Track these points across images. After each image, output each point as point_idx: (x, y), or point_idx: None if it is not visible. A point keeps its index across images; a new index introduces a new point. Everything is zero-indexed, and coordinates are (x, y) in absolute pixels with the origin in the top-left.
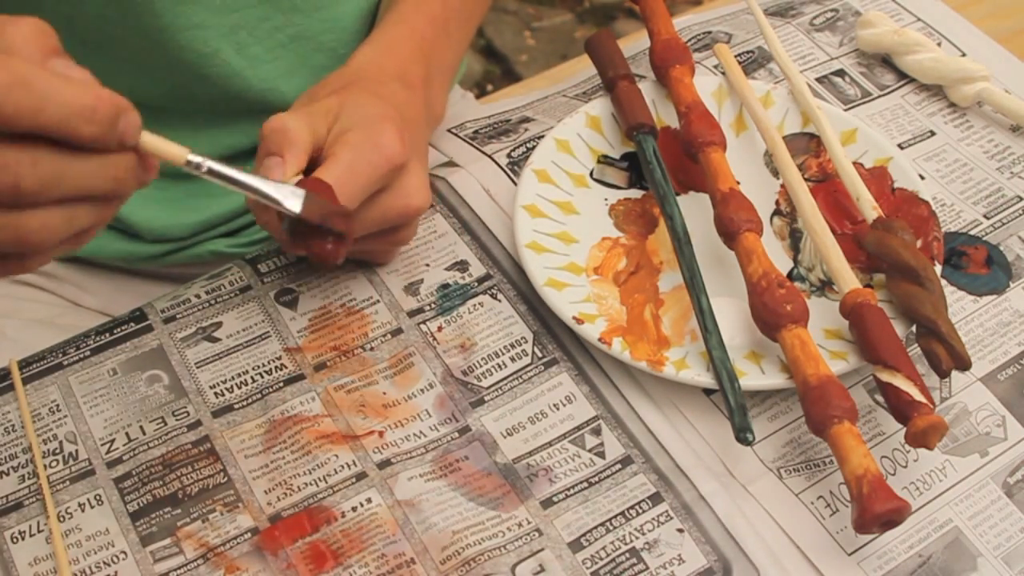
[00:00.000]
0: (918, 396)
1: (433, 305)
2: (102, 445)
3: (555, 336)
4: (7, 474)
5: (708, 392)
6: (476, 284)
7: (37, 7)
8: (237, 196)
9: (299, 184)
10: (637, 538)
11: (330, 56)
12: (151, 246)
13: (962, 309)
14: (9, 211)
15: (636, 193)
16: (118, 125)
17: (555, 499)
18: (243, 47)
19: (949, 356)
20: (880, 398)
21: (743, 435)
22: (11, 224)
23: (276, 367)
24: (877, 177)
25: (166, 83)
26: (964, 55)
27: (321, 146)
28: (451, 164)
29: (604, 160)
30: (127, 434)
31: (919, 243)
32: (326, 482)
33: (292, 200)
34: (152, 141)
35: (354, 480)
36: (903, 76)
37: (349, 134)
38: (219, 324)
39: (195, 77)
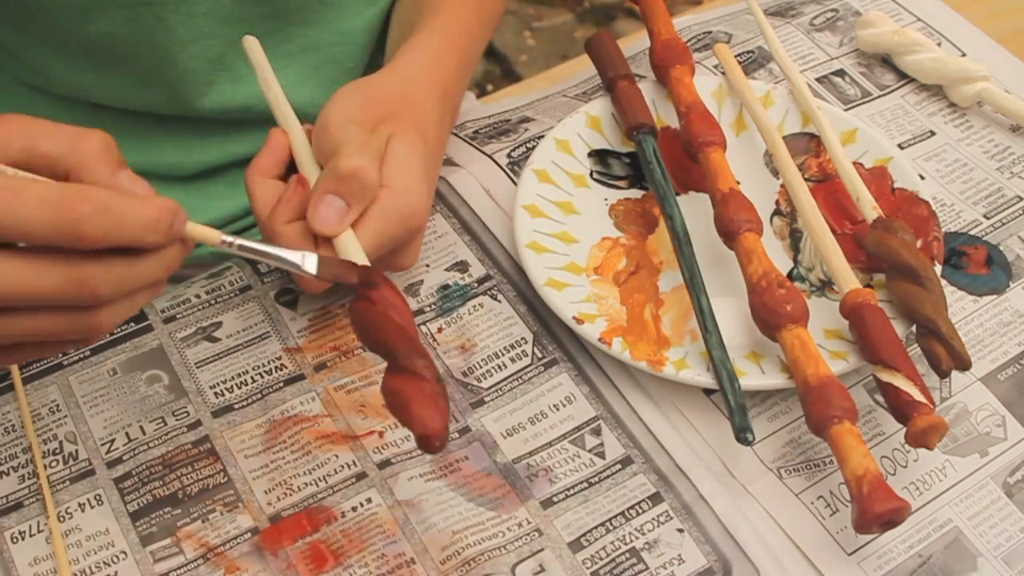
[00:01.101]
0: (918, 396)
1: (433, 306)
2: (102, 445)
3: (555, 336)
4: (7, 474)
5: (708, 392)
6: (476, 285)
7: (48, 26)
8: (238, 199)
9: (365, 271)
10: (637, 538)
11: (338, 68)
12: None
13: (962, 309)
14: (86, 311)
15: (636, 193)
16: (174, 228)
17: (555, 499)
18: (245, 58)
19: (949, 356)
20: (880, 398)
21: (743, 435)
22: (86, 320)
23: (276, 367)
24: (877, 177)
25: (174, 93)
26: (964, 55)
27: None
28: (451, 164)
29: (598, 152)
30: (127, 434)
31: (919, 243)
32: (326, 482)
33: (309, 264)
34: (192, 229)
35: (354, 480)
36: (903, 76)
37: (384, 195)
38: (219, 324)
39: (203, 86)
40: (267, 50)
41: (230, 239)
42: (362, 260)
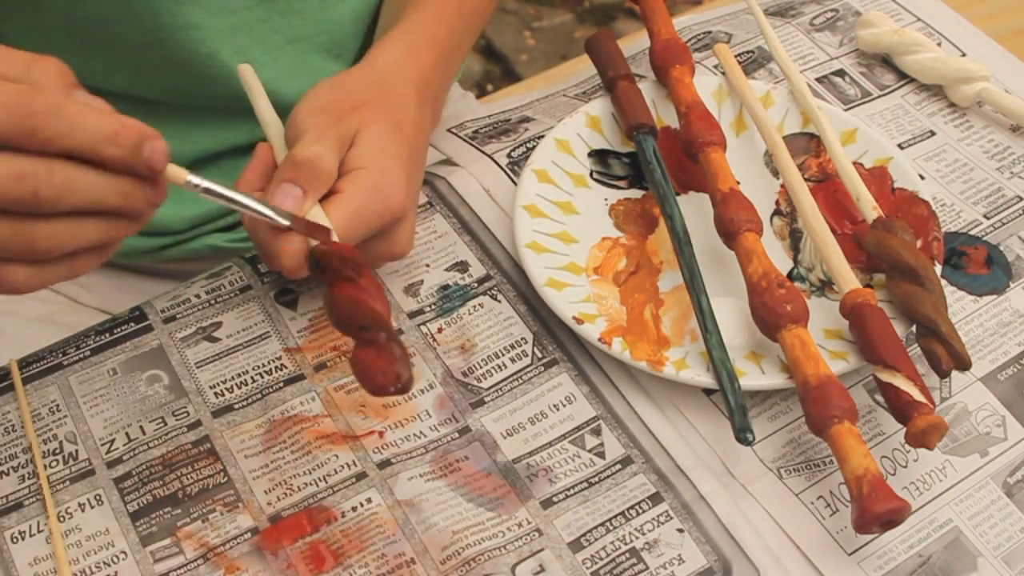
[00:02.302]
0: (918, 396)
1: (433, 306)
2: (102, 445)
3: (555, 336)
4: (7, 474)
5: (708, 392)
6: (476, 285)
7: (36, 6)
8: None
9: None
10: (637, 538)
11: (327, 57)
12: (148, 239)
13: (962, 309)
14: (23, 219)
15: (636, 193)
16: (143, 150)
17: (555, 499)
18: (242, 49)
19: (949, 356)
20: (880, 398)
21: (743, 435)
22: (22, 232)
23: (276, 367)
24: (877, 177)
25: (165, 81)
26: (964, 55)
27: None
28: (451, 164)
29: (598, 152)
30: (127, 434)
31: (919, 243)
32: (326, 482)
33: (281, 217)
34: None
35: (354, 480)
36: (903, 76)
37: (361, 174)
38: (219, 324)
39: (194, 77)
40: (256, 41)
41: (197, 180)
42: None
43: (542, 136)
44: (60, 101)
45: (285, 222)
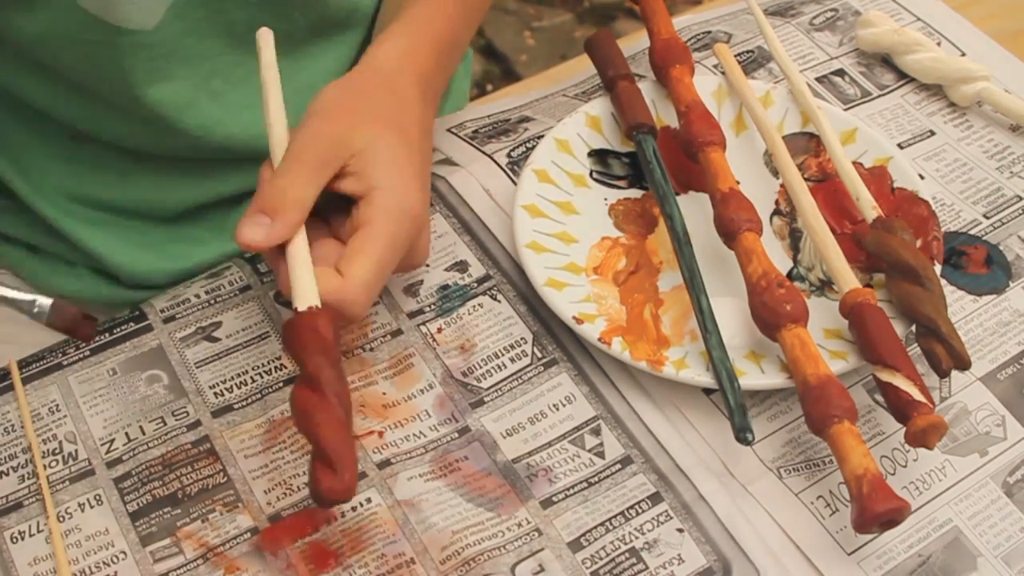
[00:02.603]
0: (918, 396)
1: (433, 306)
2: (102, 445)
3: (555, 336)
4: (7, 474)
5: (708, 392)
6: (476, 285)
7: (18, 55)
8: (220, 244)
9: (299, 316)
10: (637, 538)
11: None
12: (130, 292)
13: (962, 309)
14: None
15: (636, 193)
16: None
17: (555, 499)
18: (218, 95)
19: (949, 356)
20: (880, 398)
21: (743, 435)
22: None
23: (276, 367)
24: (877, 177)
25: (149, 131)
26: (964, 55)
27: (342, 177)
28: (451, 164)
29: (598, 152)
30: (127, 434)
31: (919, 243)
32: None
33: (40, 309)
34: None
35: None
36: (903, 76)
37: (381, 195)
38: (219, 324)
39: (174, 129)
40: (233, 86)
41: None
42: (314, 294)
43: (542, 136)
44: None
45: (43, 320)
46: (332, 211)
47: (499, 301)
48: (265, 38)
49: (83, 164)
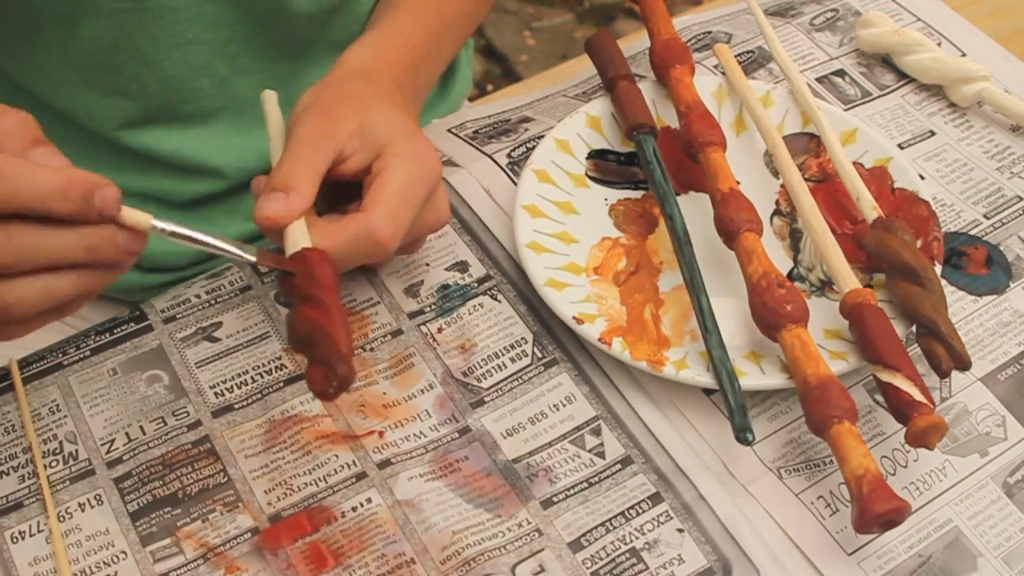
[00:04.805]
0: (918, 396)
1: (433, 306)
2: (102, 445)
3: (555, 336)
4: (7, 474)
5: (708, 392)
6: (476, 285)
7: (34, 34)
8: (237, 225)
9: (301, 254)
10: (637, 538)
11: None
12: (149, 276)
13: (962, 309)
14: None
15: (636, 193)
16: (94, 200)
17: (555, 499)
18: (233, 58)
19: (949, 356)
20: (880, 398)
21: (743, 435)
22: None
23: (276, 367)
24: (877, 177)
25: (158, 104)
26: (964, 55)
27: (347, 159)
28: (451, 164)
29: (598, 152)
30: (127, 434)
31: (919, 243)
32: (326, 482)
33: (248, 255)
34: (124, 211)
35: (354, 480)
36: (903, 76)
37: (394, 146)
38: (219, 324)
39: (187, 93)
40: (248, 57)
41: (162, 225)
42: (305, 239)
43: (542, 136)
44: (3, 164)
45: (252, 259)
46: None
47: (499, 301)
48: (270, 101)
49: (98, 154)
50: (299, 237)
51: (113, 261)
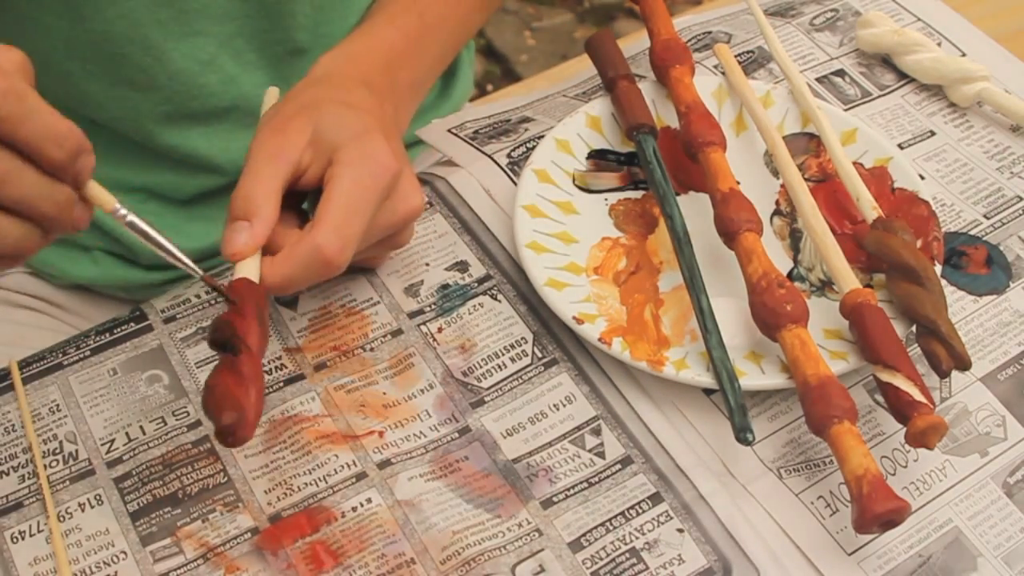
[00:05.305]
0: (918, 396)
1: (433, 306)
2: (102, 445)
3: (555, 336)
4: (7, 474)
5: (708, 392)
6: (476, 285)
7: (40, 27)
8: None
9: (233, 285)
10: (637, 538)
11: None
12: (149, 273)
13: (962, 309)
14: None
15: (636, 193)
16: (78, 160)
17: (555, 499)
18: (240, 53)
19: (949, 356)
20: (880, 398)
21: (743, 435)
22: None
23: (276, 367)
24: (877, 177)
25: (165, 97)
26: (964, 55)
27: (305, 171)
28: (451, 164)
29: (598, 152)
30: (127, 434)
31: (919, 243)
32: (326, 482)
33: (195, 271)
34: (92, 185)
35: (354, 480)
36: (903, 76)
37: (342, 152)
38: None
39: (193, 87)
40: (254, 52)
41: (124, 211)
42: (250, 270)
43: (542, 136)
44: (22, 87)
45: (200, 273)
46: None
47: (499, 301)
48: (272, 97)
49: (99, 149)
50: (248, 266)
51: (65, 228)
